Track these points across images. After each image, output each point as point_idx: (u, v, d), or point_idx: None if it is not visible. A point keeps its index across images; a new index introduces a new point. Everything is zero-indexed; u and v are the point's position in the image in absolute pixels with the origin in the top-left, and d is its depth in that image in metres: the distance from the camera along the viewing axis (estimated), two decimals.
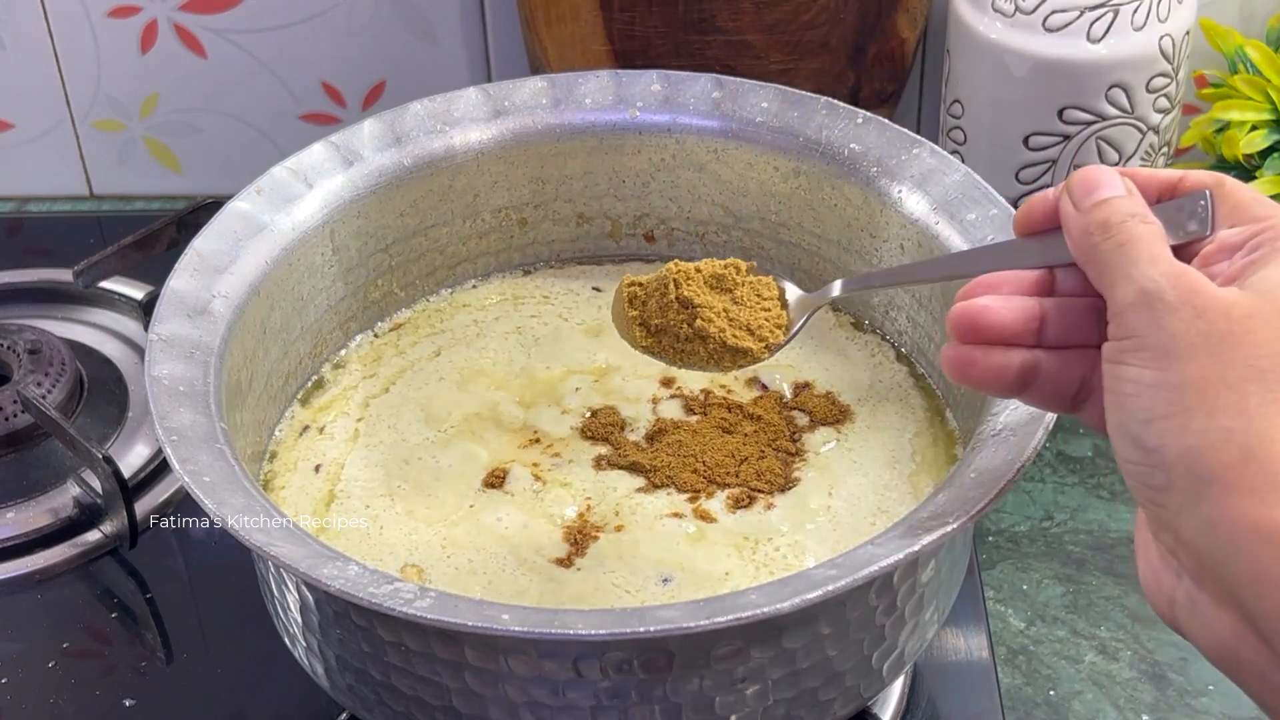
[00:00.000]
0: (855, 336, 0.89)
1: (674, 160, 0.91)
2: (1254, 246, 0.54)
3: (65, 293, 1.09)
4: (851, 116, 0.87)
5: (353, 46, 1.17)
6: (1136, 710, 0.83)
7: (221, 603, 0.90)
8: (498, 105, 0.90)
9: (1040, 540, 0.93)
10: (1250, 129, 1.00)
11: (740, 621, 0.60)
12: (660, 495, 0.78)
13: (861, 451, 0.81)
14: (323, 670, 0.73)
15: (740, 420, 0.82)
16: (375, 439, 0.83)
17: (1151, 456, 0.52)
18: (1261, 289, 0.52)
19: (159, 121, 1.22)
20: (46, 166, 1.25)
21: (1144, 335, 0.53)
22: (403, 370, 0.88)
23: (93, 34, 1.18)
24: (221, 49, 1.18)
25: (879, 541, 0.65)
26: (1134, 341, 0.53)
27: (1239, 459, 0.50)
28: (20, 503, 0.94)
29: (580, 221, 0.95)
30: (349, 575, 0.64)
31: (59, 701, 0.84)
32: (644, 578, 0.74)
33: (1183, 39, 0.97)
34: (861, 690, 0.71)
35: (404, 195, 0.89)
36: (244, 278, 0.81)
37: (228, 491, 0.68)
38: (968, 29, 0.99)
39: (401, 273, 0.91)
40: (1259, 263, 0.54)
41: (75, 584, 0.92)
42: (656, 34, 1.09)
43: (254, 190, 0.84)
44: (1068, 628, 0.88)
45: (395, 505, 0.79)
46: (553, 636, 0.61)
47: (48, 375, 0.98)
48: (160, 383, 0.73)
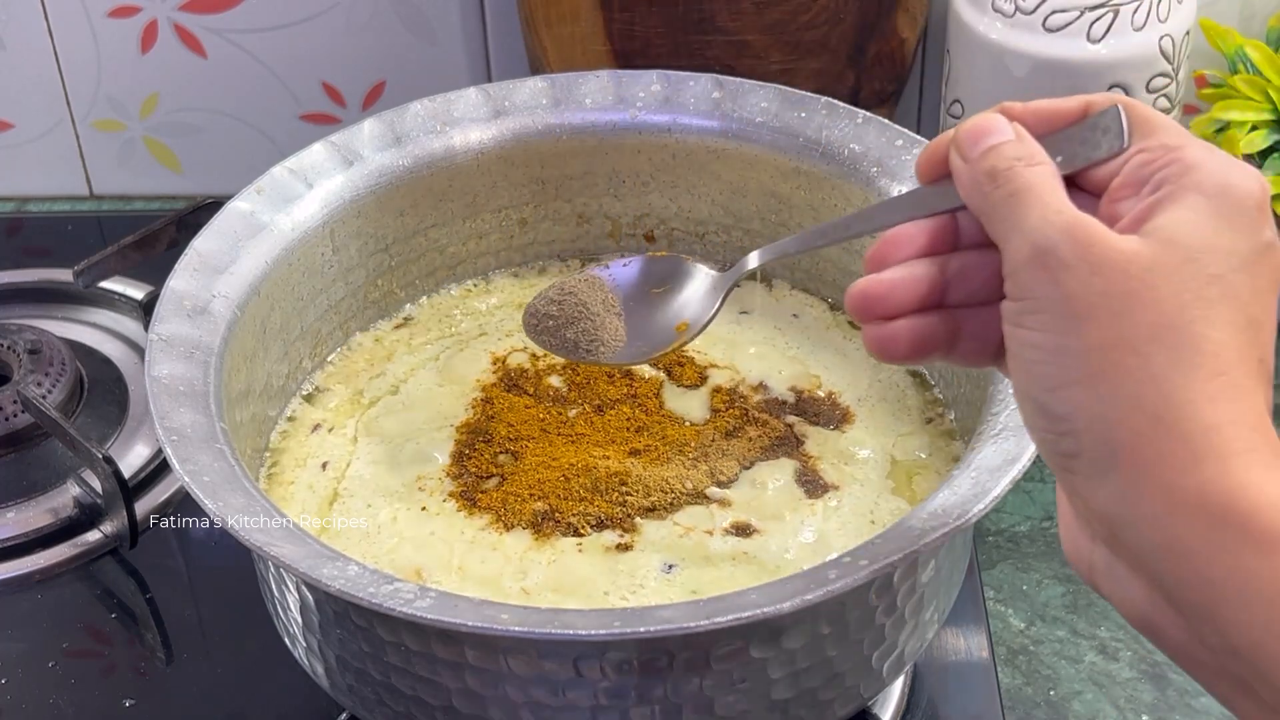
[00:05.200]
0: (854, 336, 0.89)
1: (674, 160, 0.91)
2: (1160, 182, 0.51)
3: (65, 293, 1.09)
4: (851, 116, 0.87)
5: (353, 46, 1.17)
6: (1136, 710, 0.83)
7: (221, 603, 0.90)
8: (498, 105, 0.90)
9: (1040, 540, 0.93)
10: (1250, 129, 1.00)
11: (740, 621, 0.60)
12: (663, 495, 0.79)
13: (861, 452, 0.81)
14: (323, 670, 0.73)
15: (744, 424, 0.82)
16: (380, 438, 0.83)
17: (1060, 424, 0.50)
18: (1163, 236, 0.49)
19: (159, 121, 1.22)
20: (46, 166, 1.24)
21: (1040, 296, 0.50)
22: (411, 369, 0.88)
23: (93, 34, 1.18)
24: (221, 49, 1.18)
25: (879, 541, 0.65)
26: (1031, 303, 0.50)
27: (1148, 425, 0.48)
28: (20, 503, 0.94)
29: (580, 221, 0.95)
30: (349, 575, 0.64)
31: (59, 701, 0.84)
32: (649, 569, 0.74)
33: (1183, 39, 0.97)
34: (861, 690, 0.71)
35: (404, 195, 0.89)
36: (244, 278, 0.81)
37: (228, 491, 0.68)
38: (968, 29, 0.99)
39: (401, 273, 0.91)
40: (1163, 203, 0.50)
41: (75, 584, 0.92)
42: (656, 34, 1.09)
43: (254, 190, 0.84)
44: (1068, 628, 0.88)
45: (397, 505, 0.79)
46: (553, 636, 0.61)
47: (48, 375, 0.98)
48: (160, 383, 0.73)
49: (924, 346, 0.56)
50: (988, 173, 0.53)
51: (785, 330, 0.90)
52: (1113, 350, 0.48)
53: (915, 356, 0.57)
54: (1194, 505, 0.47)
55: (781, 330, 0.90)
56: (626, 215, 0.94)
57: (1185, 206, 0.50)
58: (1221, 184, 0.50)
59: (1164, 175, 0.51)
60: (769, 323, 0.90)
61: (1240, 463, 0.47)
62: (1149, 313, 0.48)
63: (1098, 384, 0.49)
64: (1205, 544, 0.47)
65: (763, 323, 0.90)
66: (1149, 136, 0.53)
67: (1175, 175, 0.51)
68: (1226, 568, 0.47)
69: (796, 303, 0.92)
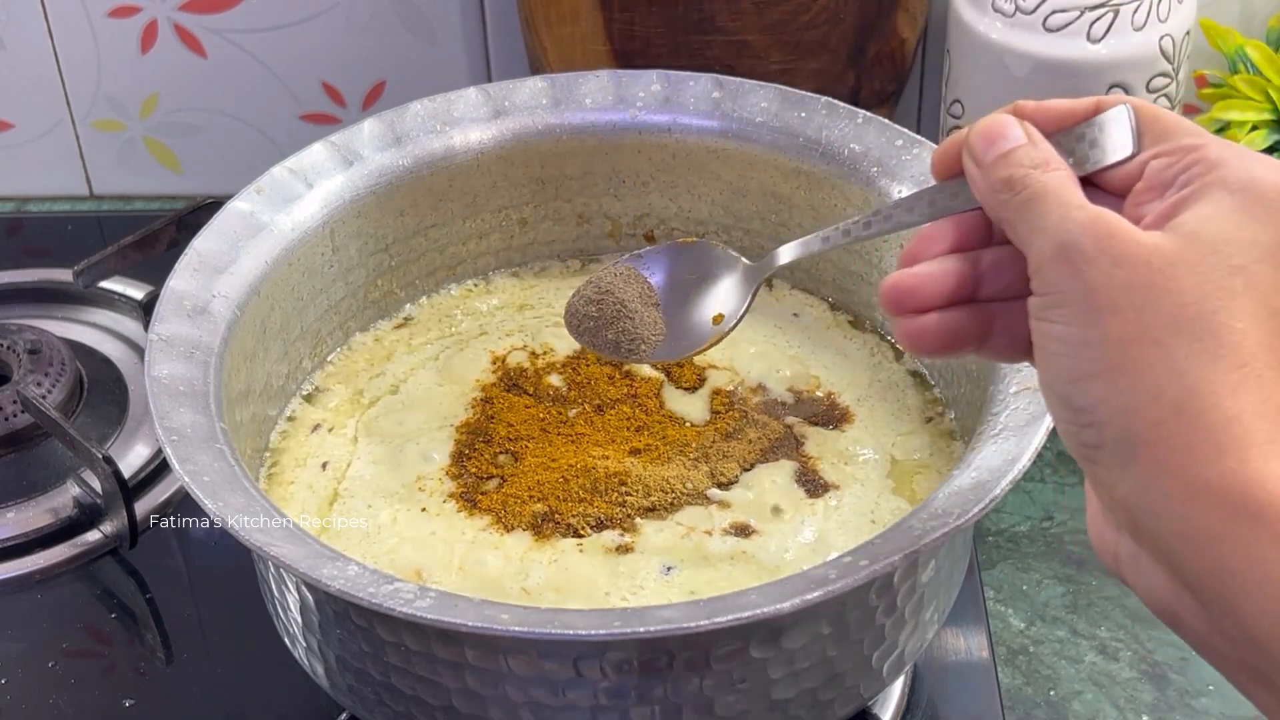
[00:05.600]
0: (854, 336, 0.89)
1: (674, 160, 0.91)
2: (1184, 182, 0.51)
3: (65, 293, 1.09)
4: (851, 116, 0.87)
5: (353, 46, 1.17)
6: (1136, 710, 0.83)
7: (221, 603, 0.90)
8: (498, 105, 0.90)
9: (1040, 540, 0.93)
10: (1250, 129, 1.00)
11: (740, 621, 0.60)
12: (663, 495, 0.79)
13: (861, 452, 0.81)
14: (323, 670, 0.73)
15: (744, 425, 0.82)
16: (380, 438, 0.83)
17: (1082, 416, 0.50)
18: (1186, 231, 0.49)
19: (159, 121, 1.22)
20: (46, 166, 1.25)
21: (1063, 290, 0.50)
22: (411, 369, 0.88)
23: (93, 34, 1.18)
24: (221, 49, 1.18)
25: (879, 541, 0.65)
26: (1054, 297, 0.51)
27: (1170, 416, 0.48)
28: (20, 503, 0.94)
29: (580, 221, 0.95)
30: (349, 575, 0.64)
31: (59, 701, 0.84)
32: (649, 570, 0.74)
33: (1183, 39, 0.97)
34: (861, 690, 0.71)
35: (404, 195, 0.89)
36: (244, 278, 0.81)
37: (228, 491, 0.68)
38: (968, 29, 0.99)
39: (401, 273, 0.91)
40: (1188, 200, 0.50)
41: (75, 584, 0.92)
42: (656, 34, 1.09)
43: (254, 190, 0.84)
44: (1068, 628, 0.88)
45: (397, 505, 0.79)
46: (553, 637, 0.61)
47: (48, 375, 0.98)
48: (160, 383, 0.73)
49: (955, 340, 0.57)
50: (1004, 181, 0.53)
51: (785, 330, 0.90)
52: (1134, 342, 0.49)
53: (947, 350, 0.57)
54: (1214, 495, 0.47)
55: (781, 330, 0.90)
56: (626, 215, 0.94)
57: (1210, 202, 0.50)
58: (1246, 178, 0.50)
59: (1189, 175, 0.51)
60: (769, 322, 0.90)
61: (1261, 453, 0.47)
62: (1170, 304, 0.49)
63: (1118, 376, 0.49)
64: (1224, 534, 0.47)
65: (763, 322, 0.90)
66: (1165, 138, 0.53)
67: (1200, 173, 0.51)
68: (1246, 558, 0.47)
69: (796, 302, 0.92)
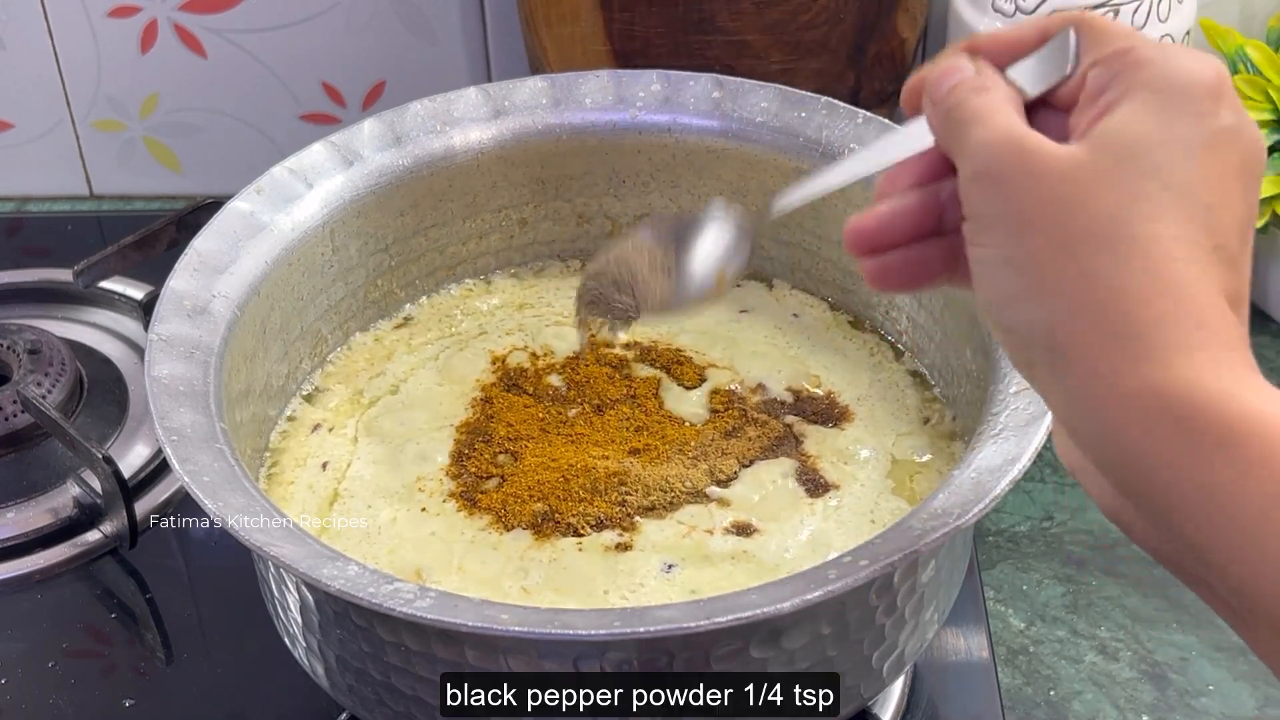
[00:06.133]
0: (854, 336, 0.90)
1: (674, 160, 0.91)
2: (1112, 86, 0.50)
3: (65, 293, 1.09)
4: (852, 116, 0.87)
5: (353, 46, 1.17)
6: (1136, 710, 0.83)
7: (221, 603, 0.90)
8: (498, 105, 0.90)
9: (1040, 540, 0.93)
10: None
11: (740, 621, 0.60)
12: (662, 494, 0.78)
13: (861, 451, 0.81)
14: (323, 670, 0.73)
15: (743, 424, 0.82)
16: (380, 438, 0.83)
17: (1013, 336, 0.50)
18: (1101, 139, 0.49)
19: (159, 121, 1.22)
20: (46, 166, 1.25)
21: (987, 213, 0.50)
22: (411, 369, 0.88)
23: (93, 34, 1.18)
24: (221, 49, 1.18)
25: (879, 541, 0.65)
26: (979, 220, 0.51)
27: (1089, 326, 0.48)
28: (20, 503, 0.94)
29: (580, 221, 0.95)
30: (349, 575, 0.64)
31: (59, 701, 0.84)
32: (648, 569, 0.74)
33: (1183, 39, 0.97)
34: (861, 690, 0.71)
35: (404, 195, 0.89)
36: (244, 278, 0.81)
37: (228, 491, 0.68)
38: (968, 29, 0.99)
39: (401, 273, 0.91)
40: (1112, 105, 0.50)
41: (75, 584, 0.92)
42: (656, 34, 1.09)
43: (254, 190, 0.84)
44: (1068, 628, 0.88)
45: (397, 505, 0.79)
46: (553, 637, 0.61)
47: (48, 375, 0.98)
48: (160, 383, 0.73)
49: (921, 274, 0.57)
50: (946, 111, 0.53)
51: (785, 330, 0.90)
52: (1053, 258, 0.48)
53: (915, 284, 0.57)
54: (1137, 404, 0.47)
55: (781, 330, 0.90)
56: (626, 215, 0.94)
57: (1131, 104, 0.50)
58: (1169, 75, 0.50)
59: (1116, 79, 0.51)
60: (769, 322, 0.90)
61: (1181, 359, 0.47)
62: (1085, 216, 0.48)
63: (1041, 292, 0.49)
64: (1151, 443, 0.47)
65: (762, 322, 0.90)
66: (1102, 45, 0.52)
67: (1125, 76, 0.50)
68: (1173, 468, 0.47)
69: (796, 303, 0.92)
